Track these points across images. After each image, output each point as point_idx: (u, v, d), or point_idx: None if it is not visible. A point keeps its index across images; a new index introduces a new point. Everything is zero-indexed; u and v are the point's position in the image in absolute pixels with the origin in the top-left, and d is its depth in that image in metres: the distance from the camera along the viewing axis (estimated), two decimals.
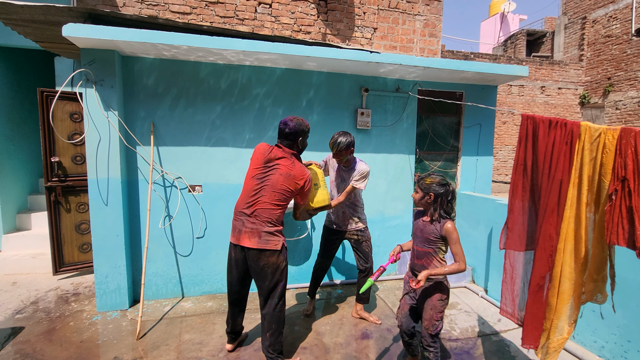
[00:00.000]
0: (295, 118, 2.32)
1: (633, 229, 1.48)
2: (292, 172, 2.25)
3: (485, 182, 4.23)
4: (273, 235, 2.23)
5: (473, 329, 2.92)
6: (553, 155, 1.78)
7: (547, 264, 1.88)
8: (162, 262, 3.32)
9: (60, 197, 3.66)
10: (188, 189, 3.31)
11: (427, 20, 5.29)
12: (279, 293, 2.28)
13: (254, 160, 2.31)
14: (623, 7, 11.31)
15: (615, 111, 11.64)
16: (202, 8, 4.45)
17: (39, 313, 3.04)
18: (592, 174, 1.67)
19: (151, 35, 2.65)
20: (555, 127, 1.78)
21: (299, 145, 2.35)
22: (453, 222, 2.00)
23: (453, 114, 4.09)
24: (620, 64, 11.39)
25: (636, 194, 1.47)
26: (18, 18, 2.65)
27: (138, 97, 3.13)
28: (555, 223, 1.81)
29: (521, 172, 2.00)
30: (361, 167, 2.76)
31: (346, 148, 2.63)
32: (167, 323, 2.92)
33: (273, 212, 2.23)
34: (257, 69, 3.38)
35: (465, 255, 3.93)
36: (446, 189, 2.00)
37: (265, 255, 2.21)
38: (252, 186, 2.26)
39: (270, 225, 2.23)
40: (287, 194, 2.25)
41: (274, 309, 2.27)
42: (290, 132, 2.27)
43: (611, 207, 1.53)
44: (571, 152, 1.70)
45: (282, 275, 2.28)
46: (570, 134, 1.70)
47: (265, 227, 2.22)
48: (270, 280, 2.24)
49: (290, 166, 2.26)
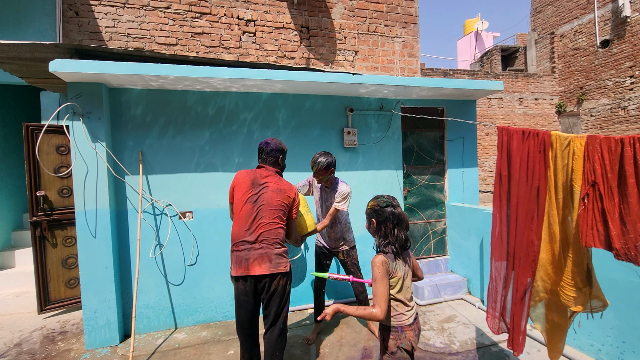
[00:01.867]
0: (274, 139, 2.40)
1: (607, 230, 1.54)
2: (282, 186, 2.27)
3: (472, 193, 4.33)
4: (282, 256, 2.18)
5: (472, 341, 2.91)
6: (529, 164, 1.87)
7: (530, 269, 1.92)
8: (154, 293, 3.24)
9: (46, 231, 3.58)
10: (179, 215, 3.29)
11: (405, 41, 5.54)
12: (284, 317, 2.21)
13: (240, 186, 2.24)
14: (587, 21, 12.06)
15: (590, 118, 12.16)
16: (187, 39, 4.58)
17: (23, 355, 2.90)
18: (565, 179, 1.75)
19: (138, 67, 2.71)
20: (529, 138, 1.88)
21: (280, 164, 2.39)
22: (382, 257, 1.59)
23: (436, 129, 4.23)
24: (589, 74, 12.02)
25: (607, 197, 1.54)
26: (4, 56, 2.68)
27: (126, 127, 3.16)
28: (536, 229, 1.87)
29: (498, 181, 2.08)
30: (342, 188, 2.79)
31: (326, 168, 2.68)
32: (160, 357, 2.82)
33: (278, 232, 2.19)
34: (243, 95, 3.46)
35: (460, 266, 4.00)
36: (385, 216, 1.65)
37: (276, 279, 2.13)
38: (248, 211, 2.17)
39: (279, 246, 2.18)
40: (284, 208, 2.25)
41: (279, 334, 2.18)
42: (272, 150, 2.33)
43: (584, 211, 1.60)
44: (545, 160, 1.78)
45: (288, 298, 2.23)
46: (542, 143, 1.79)
47: (274, 249, 2.14)
48: (278, 306, 2.16)
49: (279, 182, 2.29)
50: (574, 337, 2.69)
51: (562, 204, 1.78)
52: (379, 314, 1.52)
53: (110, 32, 4.31)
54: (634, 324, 2.32)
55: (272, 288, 2.12)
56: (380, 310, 1.52)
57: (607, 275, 2.46)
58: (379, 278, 1.55)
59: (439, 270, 4.21)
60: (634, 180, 1.46)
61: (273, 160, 2.34)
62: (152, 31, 4.44)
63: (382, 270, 1.56)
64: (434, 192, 4.25)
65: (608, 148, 1.60)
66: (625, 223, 1.50)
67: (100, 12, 4.28)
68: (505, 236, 2.02)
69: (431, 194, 4.23)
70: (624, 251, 1.55)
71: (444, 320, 3.29)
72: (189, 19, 4.57)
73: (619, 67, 11.01)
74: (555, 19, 13.37)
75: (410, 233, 4.14)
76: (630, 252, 1.52)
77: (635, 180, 1.46)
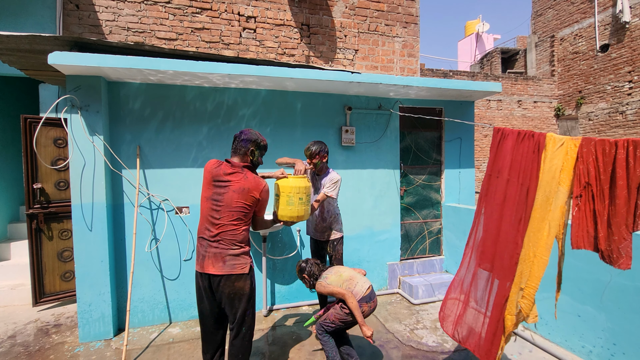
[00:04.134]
0: (251, 130, 2.20)
1: (596, 232, 1.56)
2: (246, 185, 2.06)
3: (469, 194, 4.35)
4: (238, 258, 2.05)
5: None
6: (522, 165, 1.88)
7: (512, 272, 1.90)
8: (149, 287, 3.25)
9: (42, 224, 3.57)
10: (175, 210, 3.30)
11: (405, 41, 5.55)
12: (245, 321, 2.11)
13: (204, 180, 2.13)
14: (587, 26, 12.10)
15: (588, 122, 12.22)
16: (187, 34, 4.58)
17: (17, 347, 2.90)
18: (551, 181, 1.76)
19: (137, 61, 2.71)
20: (524, 139, 1.89)
21: (250, 157, 2.15)
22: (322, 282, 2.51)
23: (434, 129, 4.24)
24: (589, 78, 12.06)
25: (598, 199, 1.56)
26: (3, 47, 2.67)
27: (124, 121, 3.15)
28: (522, 231, 1.87)
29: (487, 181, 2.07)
30: (332, 175, 2.86)
31: (318, 153, 2.78)
32: (154, 351, 2.83)
33: (236, 233, 2.05)
34: (242, 91, 3.47)
35: (454, 266, 4.03)
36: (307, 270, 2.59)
37: (231, 280, 2.03)
38: (207, 209, 2.08)
39: (236, 247, 2.06)
40: (246, 209, 2.08)
41: (242, 338, 2.10)
42: (243, 139, 2.12)
43: (578, 212, 1.61)
44: (538, 161, 1.80)
45: (250, 303, 2.11)
46: (537, 144, 1.81)
47: (229, 250, 2.04)
48: (237, 309, 2.07)
49: (243, 180, 2.07)
50: (566, 339, 2.72)
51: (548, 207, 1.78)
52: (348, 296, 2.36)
53: (111, 25, 4.30)
54: (625, 326, 2.35)
55: (227, 290, 2.03)
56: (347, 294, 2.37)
57: (598, 278, 2.48)
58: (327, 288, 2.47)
59: (434, 270, 4.24)
60: (624, 182, 1.47)
61: (243, 151, 2.12)
62: (153, 25, 4.43)
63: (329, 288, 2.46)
64: (431, 192, 4.27)
65: (602, 150, 1.61)
66: (611, 225, 1.52)
67: (100, 5, 4.27)
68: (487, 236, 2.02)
69: (428, 194, 4.25)
70: (607, 253, 1.57)
71: (437, 320, 3.31)
72: (190, 14, 4.56)
73: (618, 72, 11.06)
74: (556, 22, 13.41)
75: (406, 233, 4.16)
76: (613, 254, 1.54)
77: (626, 183, 1.47)
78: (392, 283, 4.04)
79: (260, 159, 2.25)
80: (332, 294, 2.41)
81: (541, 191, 1.73)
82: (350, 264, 3.85)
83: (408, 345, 2.84)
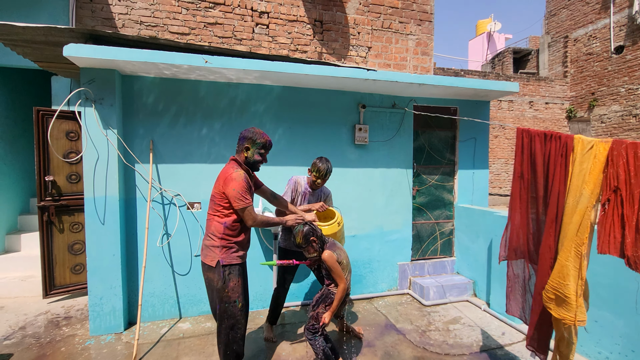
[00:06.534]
0: (253, 128, 2.24)
1: (623, 237, 1.51)
2: (220, 175, 2.15)
3: (482, 195, 4.28)
4: (210, 249, 2.11)
5: (478, 343, 2.88)
6: (549, 167, 1.82)
7: (547, 274, 1.88)
8: (159, 282, 3.24)
9: (53, 216, 3.58)
10: (187, 206, 3.28)
11: (419, 39, 5.47)
12: (221, 315, 2.10)
13: None
14: (601, 27, 11.87)
15: (600, 124, 12.01)
16: (200, 29, 4.55)
17: (28, 339, 2.91)
18: (581, 185, 1.71)
19: (153, 55, 2.68)
20: (550, 140, 1.83)
21: (245, 153, 2.17)
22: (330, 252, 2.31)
23: (448, 129, 4.17)
24: (602, 80, 11.85)
25: (627, 203, 1.50)
26: (19, 39, 2.66)
27: (137, 116, 3.14)
28: (554, 234, 1.83)
29: (518, 183, 2.04)
30: (327, 190, 2.99)
31: (330, 173, 2.77)
32: (165, 346, 2.82)
33: (211, 223, 2.13)
34: (256, 87, 3.43)
35: (466, 268, 3.98)
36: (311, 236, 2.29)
37: (205, 268, 2.15)
38: None
39: (209, 238, 2.13)
40: (217, 198, 2.11)
41: (220, 331, 2.14)
42: (239, 138, 2.22)
43: (604, 217, 1.56)
44: (566, 164, 1.74)
45: (221, 298, 2.08)
46: (564, 147, 1.75)
47: (205, 240, 2.16)
48: (210, 299, 2.18)
49: (222, 171, 2.17)
50: (581, 344, 2.66)
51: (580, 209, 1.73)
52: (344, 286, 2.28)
53: (123, 19, 4.28)
54: None
55: (205, 277, 2.18)
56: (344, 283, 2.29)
57: (618, 284, 2.42)
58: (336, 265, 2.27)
59: (445, 271, 4.18)
60: None
61: (239, 149, 2.20)
62: (165, 20, 4.40)
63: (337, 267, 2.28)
64: (443, 193, 4.21)
65: (634, 153, 1.55)
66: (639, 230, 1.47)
67: None
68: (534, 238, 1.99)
69: (440, 195, 4.19)
70: (634, 259, 1.52)
71: (449, 322, 3.27)
72: (203, 9, 4.53)
73: (633, 74, 10.84)
74: (570, 22, 13.17)
75: (418, 233, 4.11)
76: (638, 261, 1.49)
77: None
78: (402, 283, 4.00)
79: (259, 156, 2.22)
80: (335, 274, 2.25)
81: (571, 196, 1.68)
82: (360, 263, 3.82)
83: (420, 347, 2.80)
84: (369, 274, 3.87)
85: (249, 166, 2.22)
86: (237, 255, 2.14)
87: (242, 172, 2.12)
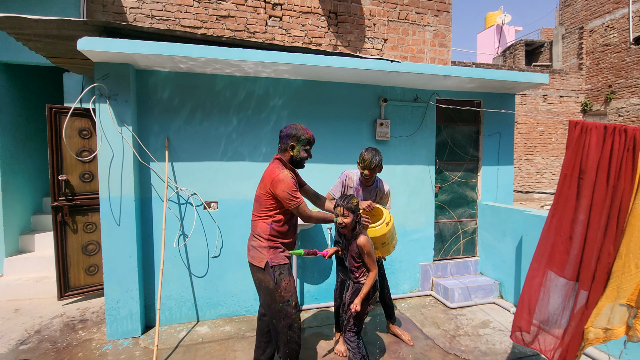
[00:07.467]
0: (294, 124, 2.17)
1: None
2: (264, 175, 2.11)
3: (506, 192, 4.10)
4: (257, 250, 2.10)
5: (512, 349, 2.73)
6: (612, 164, 1.65)
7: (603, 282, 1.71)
8: (176, 284, 3.14)
9: (67, 216, 3.49)
10: (203, 205, 3.16)
11: (436, 30, 5.27)
12: (277, 315, 2.08)
13: None
14: (619, 17, 11.48)
15: (618, 118, 11.66)
16: (212, 22, 4.41)
17: (45, 343, 2.83)
18: None
19: (169, 47, 2.55)
20: (613, 134, 1.66)
21: (290, 152, 2.13)
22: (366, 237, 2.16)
23: (472, 123, 4.00)
24: (620, 71, 11.48)
25: None
26: (31, 33, 2.55)
27: (152, 112, 3.02)
28: (614, 237, 1.66)
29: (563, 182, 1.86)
30: (386, 187, 2.73)
31: (379, 164, 2.53)
32: (184, 351, 2.72)
33: (257, 224, 2.11)
34: (274, 81, 3.29)
35: (491, 268, 3.82)
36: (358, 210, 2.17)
37: (254, 270, 2.13)
38: None
39: (255, 239, 2.11)
40: (263, 199, 2.08)
41: (277, 331, 2.11)
42: (281, 137, 2.16)
43: None
44: (635, 160, 1.57)
45: (274, 298, 2.06)
46: (632, 140, 1.58)
47: (252, 240, 2.15)
48: (262, 299, 2.15)
49: (266, 170, 2.13)
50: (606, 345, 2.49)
51: None
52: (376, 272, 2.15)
53: (135, 13, 4.16)
54: None
55: (254, 278, 2.15)
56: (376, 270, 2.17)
57: None
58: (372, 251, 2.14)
59: (468, 272, 4.03)
60: None
61: (284, 147, 2.14)
62: (177, 13, 4.27)
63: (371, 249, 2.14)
64: (467, 190, 4.04)
65: None
66: None
67: None
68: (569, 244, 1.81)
69: (463, 192, 4.02)
70: None
71: (479, 326, 3.12)
72: (215, 1, 4.39)
73: None
74: (585, 13, 12.78)
75: (440, 232, 3.95)
76: None
77: None
78: (424, 285, 3.85)
79: (305, 153, 2.18)
80: (371, 259, 2.12)
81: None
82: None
83: (452, 354, 2.65)
84: (390, 275, 3.71)
85: (295, 164, 2.18)
86: (284, 255, 2.13)
87: (288, 171, 2.09)
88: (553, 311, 1.84)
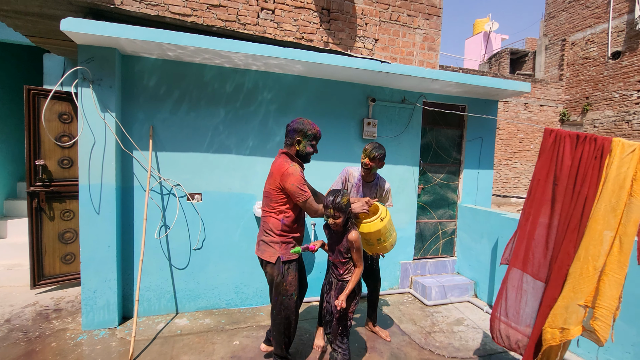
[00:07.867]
0: (300, 118, 2.21)
1: None
2: (272, 169, 2.14)
3: (485, 196, 4.25)
4: (268, 245, 2.16)
5: (484, 346, 2.85)
6: (579, 170, 1.75)
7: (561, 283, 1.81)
8: (156, 276, 3.10)
9: (43, 203, 3.38)
10: (187, 197, 3.13)
11: (426, 34, 5.35)
12: (278, 307, 2.18)
13: None
14: (600, 31, 11.98)
15: (593, 129, 12.20)
16: (203, 10, 4.32)
17: (15, 332, 2.75)
18: (619, 190, 1.64)
19: (158, 34, 2.50)
20: (584, 142, 1.76)
21: (297, 147, 2.16)
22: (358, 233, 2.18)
23: (456, 127, 4.10)
24: (597, 84, 12.00)
25: None
26: (10, 9, 2.44)
27: (137, 99, 2.95)
28: (575, 240, 1.76)
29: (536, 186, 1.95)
30: (386, 184, 2.76)
31: (381, 158, 2.56)
32: (162, 343, 2.70)
33: (268, 220, 2.16)
34: (263, 75, 3.27)
35: (467, 268, 3.95)
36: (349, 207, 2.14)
37: (264, 264, 2.20)
38: None
39: (266, 234, 2.17)
40: (273, 195, 2.12)
41: (275, 320, 2.20)
42: (288, 131, 2.18)
43: None
44: (600, 168, 1.67)
45: (279, 291, 2.16)
46: (600, 149, 1.68)
47: (262, 235, 2.20)
48: (270, 290, 2.22)
49: (273, 164, 2.15)
50: (588, 350, 2.65)
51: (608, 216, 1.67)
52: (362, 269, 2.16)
53: None
54: None
55: (264, 271, 2.22)
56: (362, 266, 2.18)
57: (632, 292, 2.40)
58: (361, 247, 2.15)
59: (445, 271, 4.15)
60: None
61: (290, 142, 2.17)
62: None
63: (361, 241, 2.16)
64: (448, 192, 4.15)
65: None
66: None
67: None
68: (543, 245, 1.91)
69: (445, 194, 4.14)
70: None
71: (453, 323, 3.23)
72: None
73: (628, 80, 11.00)
74: (568, 25, 13.26)
75: (421, 232, 4.06)
76: None
77: None
78: (403, 282, 3.95)
79: (311, 148, 2.21)
80: (359, 255, 2.12)
81: (604, 201, 1.61)
82: None
83: (427, 350, 2.75)
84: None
85: (300, 158, 2.21)
86: None
87: (297, 165, 2.12)
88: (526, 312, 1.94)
